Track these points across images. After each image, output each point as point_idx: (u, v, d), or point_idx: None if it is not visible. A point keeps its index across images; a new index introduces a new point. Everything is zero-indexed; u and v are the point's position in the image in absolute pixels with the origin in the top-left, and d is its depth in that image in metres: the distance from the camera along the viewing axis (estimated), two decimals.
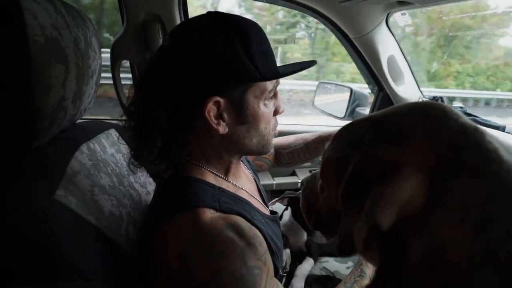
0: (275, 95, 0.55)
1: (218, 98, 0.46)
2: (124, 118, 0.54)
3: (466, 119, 0.25)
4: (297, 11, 1.09)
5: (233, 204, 0.49)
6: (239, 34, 0.46)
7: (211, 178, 0.53)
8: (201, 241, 0.40)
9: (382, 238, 0.25)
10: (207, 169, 0.53)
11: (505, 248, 0.19)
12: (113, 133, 0.71)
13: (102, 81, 0.62)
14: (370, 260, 0.30)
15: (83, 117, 0.62)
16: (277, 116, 0.57)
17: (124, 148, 0.72)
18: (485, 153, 0.22)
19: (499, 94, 6.60)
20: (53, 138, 0.50)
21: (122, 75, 0.95)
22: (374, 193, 0.23)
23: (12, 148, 0.43)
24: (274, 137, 0.59)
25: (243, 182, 0.61)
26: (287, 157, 0.85)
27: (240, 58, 0.45)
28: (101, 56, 0.60)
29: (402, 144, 0.24)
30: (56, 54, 0.42)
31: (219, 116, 0.48)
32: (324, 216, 0.37)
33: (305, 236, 0.92)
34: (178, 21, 0.91)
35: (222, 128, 0.48)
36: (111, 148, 0.66)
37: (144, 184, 0.72)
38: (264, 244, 0.46)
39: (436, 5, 0.82)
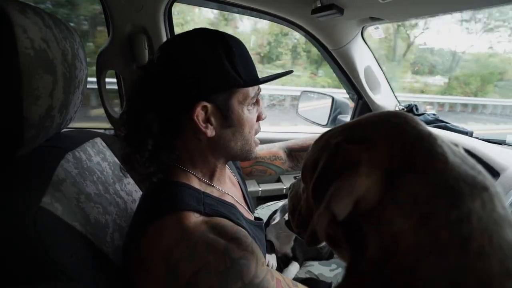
0: (257, 102, 0.59)
1: (206, 103, 0.50)
2: (109, 127, 0.56)
3: (424, 126, 0.28)
4: None
5: (218, 206, 0.52)
6: (223, 46, 0.50)
7: (195, 182, 0.55)
8: (184, 244, 0.42)
9: (348, 233, 0.28)
10: (193, 174, 0.56)
11: (446, 236, 0.22)
12: (99, 141, 0.72)
13: None
14: (342, 258, 0.32)
15: (68, 126, 0.63)
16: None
17: (110, 156, 0.73)
18: (434, 155, 0.25)
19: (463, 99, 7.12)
20: (39, 146, 0.51)
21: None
22: (333, 186, 0.26)
23: None
24: (257, 145, 0.62)
25: (227, 187, 0.63)
26: None
27: (225, 67, 0.50)
28: (87, 67, 0.62)
29: (363, 145, 0.27)
30: (45, 66, 0.43)
31: (206, 120, 0.52)
32: (304, 215, 0.39)
33: (292, 242, 0.95)
34: (164, 33, 0.94)
35: (210, 131, 0.52)
36: (96, 157, 0.67)
37: (130, 192, 0.73)
38: (250, 237, 0.48)
39: (404, 20, 0.89)
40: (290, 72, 0.61)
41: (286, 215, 0.87)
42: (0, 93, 0.38)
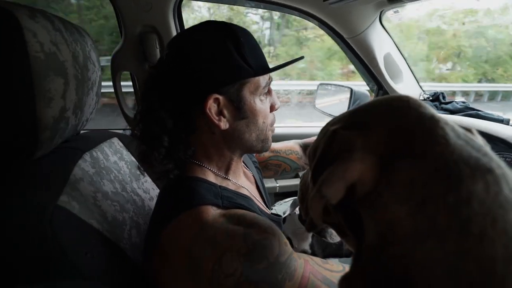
0: (269, 92, 0.58)
1: (217, 95, 0.50)
2: (127, 128, 0.57)
3: (428, 109, 0.26)
4: None
5: (235, 198, 0.52)
6: (231, 37, 0.50)
7: (211, 177, 0.55)
8: (204, 236, 0.42)
9: (351, 221, 0.27)
10: (209, 168, 0.56)
11: (444, 220, 0.21)
12: (116, 141, 0.74)
13: None
14: (351, 247, 0.32)
15: (87, 127, 0.65)
16: None
17: (127, 155, 0.74)
18: (434, 137, 0.24)
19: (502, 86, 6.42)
20: (57, 147, 0.53)
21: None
22: (327, 170, 0.26)
23: (16, 158, 0.45)
24: (272, 132, 0.61)
25: (242, 181, 0.63)
26: None
27: (234, 58, 0.49)
28: (101, 68, 0.63)
29: (360, 130, 0.27)
30: (55, 68, 0.45)
31: (219, 113, 0.52)
32: None
33: (309, 238, 0.92)
34: (174, 31, 0.95)
35: (223, 124, 0.52)
36: (113, 156, 0.68)
37: (147, 190, 0.74)
38: (268, 221, 0.47)
39: (425, 0, 0.83)
40: (301, 58, 0.60)
41: (297, 209, 0.84)
42: (13, 96, 0.40)
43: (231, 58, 0.49)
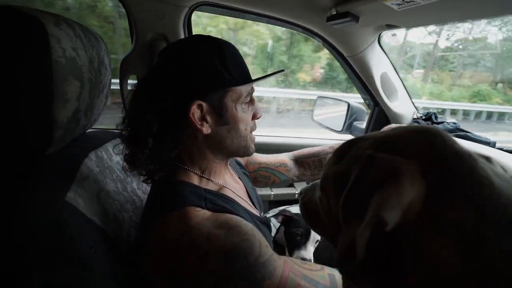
0: (252, 102, 0.62)
1: (201, 102, 0.54)
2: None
3: (461, 145, 0.27)
4: None
5: (219, 201, 0.54)
6: (216, 50, 0.54)
7: (195, 179, 0.58)
8: (188, 237, 0.45)
9: (380, 249, 0.26)
10: (192, 171, 0.59)
11: (501, 270, 0.20)
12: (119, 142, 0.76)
13: None
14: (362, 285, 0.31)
15: (93, 127, 0.67)
16: None
17: None
18: (477, 178, 0.24)
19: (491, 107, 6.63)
20: (66, 146, 0.55)
21: None
22: (379, 194, 0.24)
23: (29, 155, 0.48)
24: (253, 142, 0.64)
25: (228, 182, 0.66)
26: (314, 165, 0.89)
27: (217, 68, 0.54)
28: (111, 72, 0.66)
29: (404, 155, 0.26)
30: (74, 72, 0.48)
31: (202, 118, 0.55)
32: (328, 228, 0.37)
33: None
34: None
35: (206, 129, 0.55)
36: (116, 156, 0.71)
37: (146, 191, 0.76)
38: (250, 224, 0.50)
39: (420, 26, 0.88)
40: (281, 71, 0.64)
41: (280, 218, 0.85)
42: (33, 97, 0.42)
43: (214, 68, 0.53)
